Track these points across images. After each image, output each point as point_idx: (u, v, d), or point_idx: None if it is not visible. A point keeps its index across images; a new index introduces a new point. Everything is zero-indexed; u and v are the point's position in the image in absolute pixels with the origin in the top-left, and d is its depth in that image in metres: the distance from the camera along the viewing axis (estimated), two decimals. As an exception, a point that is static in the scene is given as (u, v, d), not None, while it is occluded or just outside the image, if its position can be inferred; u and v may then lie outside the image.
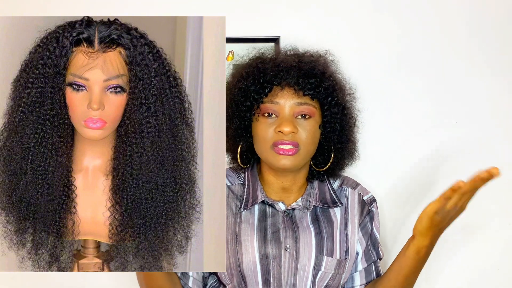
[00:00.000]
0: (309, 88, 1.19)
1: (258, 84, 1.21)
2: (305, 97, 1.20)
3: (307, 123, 1.20)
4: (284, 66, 1.21)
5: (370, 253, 1.29)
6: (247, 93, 1.22)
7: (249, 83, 1.22)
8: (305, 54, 1.27)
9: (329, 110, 1.22)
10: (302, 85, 1.19)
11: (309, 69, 1.21)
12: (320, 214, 1.26)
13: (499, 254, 1.59)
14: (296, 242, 1.21)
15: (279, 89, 1.20)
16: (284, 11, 1.57)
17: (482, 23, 1.57)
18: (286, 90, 1.20)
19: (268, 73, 1.21)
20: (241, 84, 1.24)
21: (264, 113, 1.20)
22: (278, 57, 1.25)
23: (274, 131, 1.19)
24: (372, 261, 1.29)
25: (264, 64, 1.23)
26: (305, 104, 1.19)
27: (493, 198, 1.58)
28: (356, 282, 1.29)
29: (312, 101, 1.20)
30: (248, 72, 1.24)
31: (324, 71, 1.23)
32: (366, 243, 1.29)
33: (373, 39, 1.57)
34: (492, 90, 1.58)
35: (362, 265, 1.29)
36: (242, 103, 1.23)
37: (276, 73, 1.20)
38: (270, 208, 1.25)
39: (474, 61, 1.58)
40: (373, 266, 1.30)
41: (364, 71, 1.56)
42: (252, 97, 1.21)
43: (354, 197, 1.29)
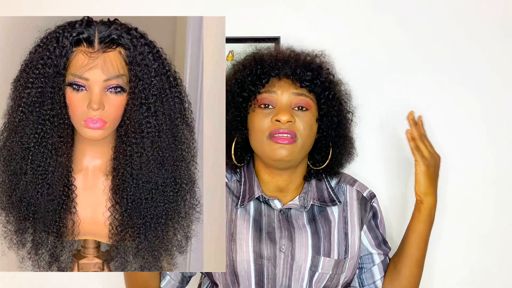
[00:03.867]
0: (306, 79, 1.21)
1: (255, 75, 1.22)
2: (302, 89, 1.21)
3: (304, 114, 1.20)
4: (281, 57, 1.23)
5: (383, 247, 1.31)
6: (244, 84, 1.23)
7: (246, 74, 1.23)
8: (301, 53, 1.28)
9: (326, 104, 1.23)
10: (300, 75, 1.21)
11: (306, 62, 1.23)
12: (317, 214, 1.25)
13: (498, 253, 1.59)
14: (291, 242, 1.21)
15: (276, 80, 1.22)
16: (284, 11, 1.57)
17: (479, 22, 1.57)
18: (283, 80, 1.21)
19: (265, 64, 1.22)
20: (238, 75, 1.25)
21: (261, 104, 1.21)
22: (275, 51, 1.28)
23: (270, 120, 1.19)
24: (387, 253, 1.31)
25: (262, 56, 1.25)
26: (302, 95, 1.21)
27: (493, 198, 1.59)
28: (376, 276, 1.30)
29: (309, 94, 1.22)
30: (245, 64, 1.26)
31: (321, 66, 1.25)
32: (377, 239, 1.30)
33: (373, 40, 1.57)
34: (489, 89, 1.58)
35: (379, 258, 1.30)
36: (238, 94, 1.23)
37: (273, 64, 1.22)
38: (265, 207, 1.24)
39: (471, 60, 1.57)
40: (388, 259, 1.32)
41: (365, 71, 1.56)
42: (249, 88, 1.22)
43: (352, 194, 1.29)
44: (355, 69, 1.55)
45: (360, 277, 1.31)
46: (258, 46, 1.33)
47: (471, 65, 1.57)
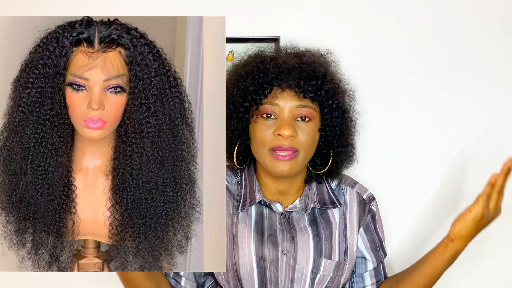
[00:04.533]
0: (310, 90, 1.17)
1: (257, 84, 1.18)
2: (305, 100, 1.18)
3: (306, 125, 1.18)
4: (285, 67, 1.18)
5: (378, 253, 1.29)
6: (246, 94, 1.19)
7: (249, 83, 1.19)
8: (306, 53, 1.25)
9: (329, 114, 1.21)
10: (303, 87, 1.17)
11: (310, 71, 1.19)
12: (318, 216, 1.25)
13: (499, 254, 1.59)
14: (293, 245, 1.20)
15: (279, 91, 1.18)
16: (284, 11, 1.57)
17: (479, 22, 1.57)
18: (286, 92, 1.18)
19: (268, 74, 1.18)
20: (240, 84, 1.21)
21: (263, 114, 1.18)
22: (279, 57, 1.23)
23: (273, 133, 1.17)
24: (381, 260, 1.30)
25: (265, 64, 1.21)
26: (305, 106, 1.18)
27: (493, 198, 1.59)
28: (366, 282, 1.29)
29: (313, 103, 1.19)
30: (248, 72, 1.21)
31: (325, 73, 1.21)
32: (373, 243, 1.29)
33: (373, 39, 1.57)
34: (490, 89, 1.58)
35: (373, 265, 1.29)
36: (240, 103, 1.20)
37: (277, 74, 1.18)
38: (267, 210, 1.24)
39: (471, 60, 1.57)
40: (381, 265, 1.30)
41: (365, 71, 1.56)
42: (251, 98, 1.19)
43: (352, 196, 1.29)
44: (355, 69, 1.55)
45: (351, 280, 1.30)
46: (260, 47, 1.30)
47: (471, 65, 1.57)
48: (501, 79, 1.58)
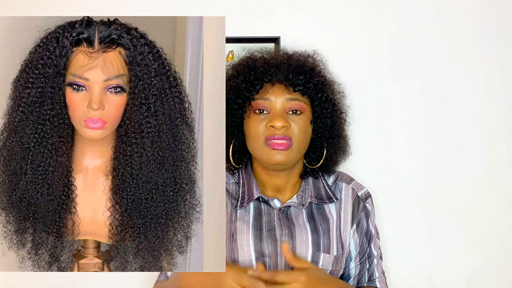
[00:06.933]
0: (299, 83, 1.21)
1: (248, 81, 1.23)
2: (295, 93, 1.22)
3: (298, 118, 1.21)
4: (274, 63, 1.24)
5: (364, 251, 1.30)
6: (238, 91, 1.24)
7: (240, 80, 1.24)
8: (294, 54, 1.29)
9: (319, 106, 1.24)
10: (293, 80, 1.21)
11: (299, 66, 1.24)
12: (316, 211, 1.27)
13: (498, 253, 1.59)
14: (292, 239, 1.22)
15: (269, 86, 1.22)
16: (284, 11, 1.57)
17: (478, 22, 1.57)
18: (276, 86, 1.22)
19: (258, 70, 1.23)
20: (232, 82, 1.26)
21: (256, 110, 1.22)
22: (267, 55, 1.28)
23: (266, 126, 1.20)
24: (365, 259, 1.30)
25: (254, 61, 1.26)
26: (295, 99, 1.21)
27: (492, 198, 1.59)
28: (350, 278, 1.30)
29: (303, 97, 1.22)
30: (239, 71, 1.26)
31: (313, 68, 1.26)
32: (361, 241, 1.29)
33: (373, 39, 1.57)
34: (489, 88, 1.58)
35: (355, 263, 1.30)
36: (233, 100, 1.25)
37: (266, 69, 1.23)
38: (265, 206, 1.26)
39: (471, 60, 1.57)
40: (366, 264, 1.30)
41: (364, 70, 1.57)
42: (243, 95, 1.23)
43: (348, 192, 1.30)
44: (355, 69, 1.55)
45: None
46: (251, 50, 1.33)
47: (471, 65, 1.58)
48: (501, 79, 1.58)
